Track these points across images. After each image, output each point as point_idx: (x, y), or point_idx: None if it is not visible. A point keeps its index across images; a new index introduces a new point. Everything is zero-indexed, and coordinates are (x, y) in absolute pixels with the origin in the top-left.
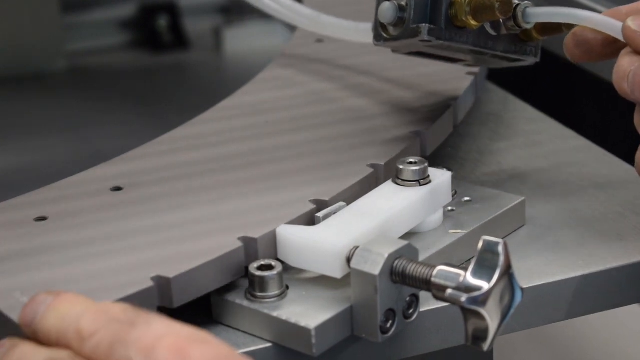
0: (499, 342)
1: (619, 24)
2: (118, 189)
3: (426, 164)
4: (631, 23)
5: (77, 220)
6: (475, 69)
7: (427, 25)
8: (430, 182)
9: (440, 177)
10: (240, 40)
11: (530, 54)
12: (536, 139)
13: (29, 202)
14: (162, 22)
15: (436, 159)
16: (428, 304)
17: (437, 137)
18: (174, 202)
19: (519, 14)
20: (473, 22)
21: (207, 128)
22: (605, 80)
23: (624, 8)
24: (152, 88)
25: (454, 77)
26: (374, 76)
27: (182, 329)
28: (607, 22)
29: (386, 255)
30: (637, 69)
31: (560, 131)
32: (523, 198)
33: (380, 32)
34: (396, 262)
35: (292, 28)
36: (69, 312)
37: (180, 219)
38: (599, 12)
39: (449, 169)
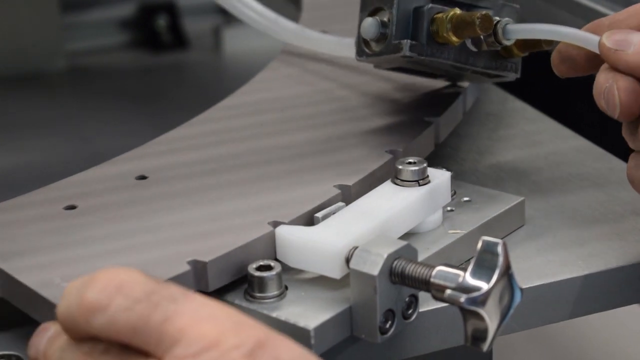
0: (498, 342)
1: (597, 39)
2: (143, 177)
3: (425, 164)
4: (606, 40)
5: (105, 209)
6: (461, 87)
7: (409, 41)
8: (429, 182)
9: (440, 177)
10: (240, 40)
11: (511, 70)
12: (535, 139)
13: (54, 192)
14: (162, 22)
15: (435, 159)
16: (427, 304)
17: (448, 125)
18: (195, 198)
19: (499, 31)
20: (454, 39)
21: (206, 128)
22: None
23: (606, 20)
24: (152, 88)
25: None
26: (375, 75)
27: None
28: (586, 38)
29: (385, 256)
30: (611, 86)
31: (560, 131)
32: (522, 198)
33: (363, 47)
34: (395, 262)
35: None
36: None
37: (208, 210)
38: (599, 11)
39: (448, 169)
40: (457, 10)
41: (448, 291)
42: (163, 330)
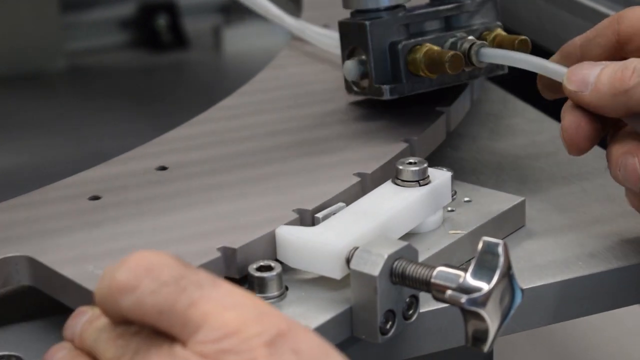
0: (499, 342)
1: (564, 71)
2: (163, 168)
3: (426, 165)
4: (567, 83)
5: (131, 197)
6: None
7: (388, 86)
8: (429, 182)
9: (440, 177)
10: (240, 39)
11: (498, 68)
12: (536, 139)
13: (77, 182)
14: (162, 21)
15: (436, 159)
16: (428, 304)
17: (458, 114)
18: (211, 194)
19: (473, 55)
20: (431, 75)
21: (206, 127)
22: None
23: (578, 40)
24: (152, 87)
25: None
26: None
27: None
28: (554, 71)
29: (386, 256)
30: (578, 127)
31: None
32: (523, 198)
33: (351, 85)
34: (396, 263)
35: None
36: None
37: (227, 204)
38: (599, 12)
39: (448, 169)
40: (429, 47)
41: (449, 292)
42: (188, 315)
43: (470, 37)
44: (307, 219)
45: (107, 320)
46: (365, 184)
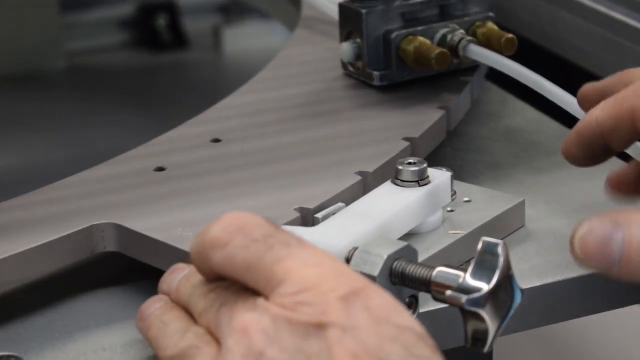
0: (498, 342)
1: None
2: (160, 169)
3: (425, 165)
4: (583, 258)
5: (195, 169)
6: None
7: (379, 73)
8: (429, 182)
9: (440, 177)
10: (239, 39)
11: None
12: (536, 139)
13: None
14: (161, 21)
15: (435, 159)
16: (427, 305)
17: (458, 112)
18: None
19: (460, 49)
20: (418, 67)
21: (206, 127)
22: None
23: (597, 126)
24: (151, 87)
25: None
26: None
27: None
28: (535, 81)
29: (385, 256)
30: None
31: (560, 131)
32: (523, 198)
33: (347, 65)
34: (395, 263)
35: (291, 27)
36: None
37: (232, 200)
38: (600, 12)
39: (448, 169)
40: (420, 41)
41: (448, 292)
42: (273, 270)
43: (461, 31)
44: (309, 217)
45: (201, 277)
46: (367, 183)
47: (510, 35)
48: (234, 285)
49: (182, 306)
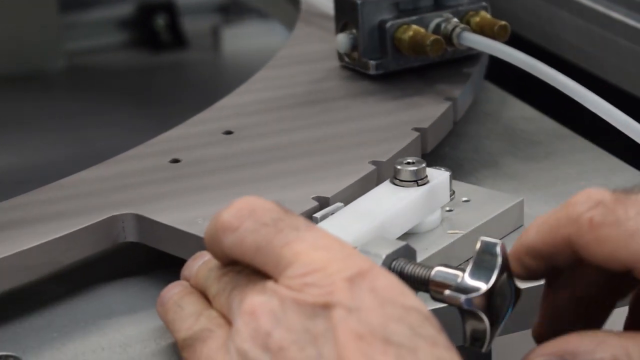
0: (498, 342)
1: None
2: (175, 160)
3: (424, 164)
4: None
5: (210, 162)
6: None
7: (375, 62)
8: (428, 182)
9: (438, 177)
10: (239, 39)
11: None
12: (534, 138)
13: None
14: (161, 21)
15: (434, 159)
16: (426, 304)
17: (464, 104)
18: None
19: (455, 37)
20: (414, 55)
21: (205, 127)
22: (604, 80)
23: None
24: (151, 87)
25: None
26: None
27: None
28: (524, 62)
29: (384, 256)
30: None
31: (559, 131)
32: (521, 198)
33: (343, 56)
34: (394, 262)
35: (290, 27)
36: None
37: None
38: (599, 12)
39: (447, 169)
40: (414, 29)
41: (447, 291)
42: (281, 253)
43: (455, 20)
44: (326, 206)
45: (217, 262)
46: (381, 172)
47: (503, 22)
48: (245, 269)
49: (200, 291)
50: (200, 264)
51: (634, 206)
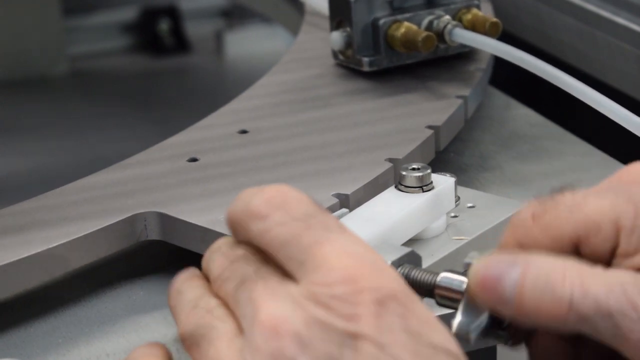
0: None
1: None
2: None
3: (429, 170)
4: None
5: (227, 160)
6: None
7: (368, 59)
8: (433, 188)
9: (444, 183)
10: (242, 44)
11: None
12: (539, 144)
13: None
14: (164, 26)
15: (439, 165)
16: (432, 310)
17: (474, 101)
18: None
19: (446, 34)
20: (406, 51)
21: (219, 129)
22: (608, 85)
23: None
24: (154, 92)
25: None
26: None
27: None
28: (516, 57)
29: (389, 262)
30: None
31: (563, 136)
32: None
33: (337, 54)
34: (399, 269)
35: (293, 32)
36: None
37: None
38: (602, 16)
39: (452, 175)
40: (406, 26)
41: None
42: (309, 252)
43: (447, 17)
44: (346, 203)
45: (228, 241)
46: (398, 169)
47: (494, 19)
48: (255, 261)
49: (205, 275)
50: (217, 242)
51: (568, 194)
